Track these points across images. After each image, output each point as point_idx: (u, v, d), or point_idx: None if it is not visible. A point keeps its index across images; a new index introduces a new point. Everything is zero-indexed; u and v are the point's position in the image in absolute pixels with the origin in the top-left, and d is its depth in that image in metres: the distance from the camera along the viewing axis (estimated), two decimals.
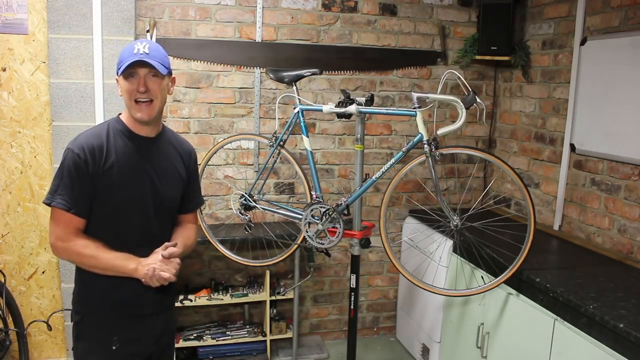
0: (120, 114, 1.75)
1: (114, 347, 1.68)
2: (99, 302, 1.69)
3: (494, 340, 2.48)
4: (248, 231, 2.58)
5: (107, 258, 1.63)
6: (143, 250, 1.70)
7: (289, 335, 3.24)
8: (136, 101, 1.64)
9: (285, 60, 3.15)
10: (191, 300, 3.06)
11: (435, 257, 2.90)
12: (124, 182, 1.65)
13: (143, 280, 1.64)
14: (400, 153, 2.28)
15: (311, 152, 2.43)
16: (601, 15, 2.67)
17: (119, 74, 1.64)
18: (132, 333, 1.72)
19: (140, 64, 1.61)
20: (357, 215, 2.39)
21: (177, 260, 1.71)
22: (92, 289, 1.69)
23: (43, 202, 1.64)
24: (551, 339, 2.10)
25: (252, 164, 3.23)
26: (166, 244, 1.72)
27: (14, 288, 2.95)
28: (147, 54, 1.63)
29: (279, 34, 3.14)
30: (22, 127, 2.84)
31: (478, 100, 2.05)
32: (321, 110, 2.35)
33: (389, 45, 3.32)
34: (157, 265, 1.65)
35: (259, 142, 3.15)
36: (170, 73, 1.72)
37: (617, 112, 2.55)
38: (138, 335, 1.74)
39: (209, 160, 2.73)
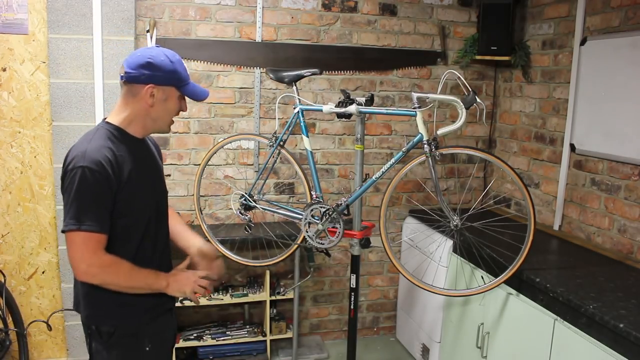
0: (105, 118, 1.66)
1: (147, 348, 1.69)
2: (135, 309, 1.66)
3: (494, 340, 2.48)
4: (248, 231, 2.58)
5: (141, 277, 1.61)
6: (158, 254, 1.73)
7: (289, 335, 3.24)
8: (172, 119, 1.69)
9: (285, 60, 3.15)
10: (191, 300, 3.06)
11: (435, 257, 2.90)
12: (140, 188, 1.63)
13: (180, 297, 1.68)
14: (400, 153, 2.28)
15: (311, 152, 2.43)
16: (601, 15, 2.67)
17: (185, 93, 1.65)
18: (159, 330, 1.75)
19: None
20: (357, 215, 2.39)
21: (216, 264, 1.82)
22: (124, 297, 1.61)
23: (65, 230, 1.51)
24: (551, 339, 2.10)
25: (252, 164, 3.23)
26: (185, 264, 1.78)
27: (14, 288, 2.95)
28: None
29: (279, 34, 3.14)
30: (22, 127, 2.84)
31: (478, 100, 2.05)
32: (321, 110, 2.35)
33: (389, 45, 3.32)
34: (196, 280, 1.70)
35: (259, 142, 3.15)
36: None
37: (617, 112, 2.55)
38: (163, 330, 1.77)
39: (209, 160, 2.72)
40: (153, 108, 1.61)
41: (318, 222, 2.36)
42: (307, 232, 2.40)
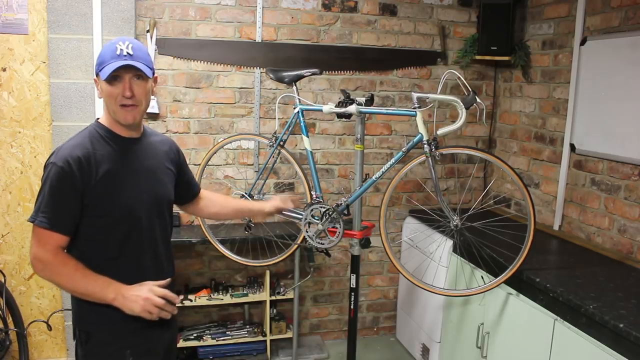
0: (98, 118, 1.65)
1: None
2: (107, 316, 1.56)
3: (494, 340, 2.48)
4: (248, 231, 2.58)
5: (84, 282, 1.51)
6: (147, 255, 1.64)
7: (289, 335, 3.24)
8: (121, 105, 1.54)
9: (285, 60, 3.15)
10: (191, 300, 3.06)
11: (435, 257, 2.90)
12: (119, 188, 1.56)
13: (131, 313, 1.53)
14: (400, 153, 2.28)
15: (311, 152, 2.43)
16: (601, 15, 2.67)
17: (102, 78, 1.52)
18: (144, 345, 1.64)
19: (125, 67, 1.51)
20: (357, 215, 2.39)
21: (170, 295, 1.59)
22: (97, 303, 1.54)
23: (28, 220, 1.53)
24: (551, 339, 2.10)
25: (252, 164, 3.23)
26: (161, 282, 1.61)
27: (14, 288, 2.95)
28: (131, 55, 1.52)
29: (279, 34, 3.14)
30: (22, 127, 2.84)
31: (478, 100, 2.05)
32: (321, 110, 2.35)
33: (389, 45, 3.32)
34: (148, 298, 1.53)
35: (259, 142, 3.15)
36: (153, 73, 1.62)
37: (617, 112, 2.55)
38: (149, 346, 1.66)
39: (209, 160, 2.73)
40: (102, 98, 1.58)
41: (318, 222, 2.36)
42: (307, 232, 2.40)
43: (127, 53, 1.52)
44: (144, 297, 1.52)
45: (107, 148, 1.57)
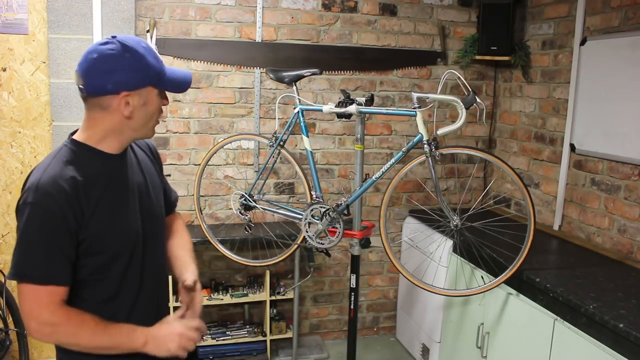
0: (72, 135, 1.35)
1: None
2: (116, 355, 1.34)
3: (494, 340, 2.48)
4: (248, 231, 2.58)
5: (109, 336, 1.29)
6: (150, 282, 1.44)
7: (289, 335, 3.24)
8: (157, 120, 1.38)
9: (285, 60, 3.15)
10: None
11: (435, 257, 2.90)
12: (115, 216, 1.33)
13: (166, 354, 1.35)
14: (400, 153, 2.28)
15: (311, 152, 2.43)
16: (601, 15, 2.67)
17: (171, 89, 1.33)
18: None
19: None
20: (357, 215, 2.39)
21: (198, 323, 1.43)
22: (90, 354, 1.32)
23: (7, 278, 1.26)
24: (551, 339, 2.10)
25: (252, 164, 3.23)
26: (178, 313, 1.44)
27: (14, 288, 2.95)
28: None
29: (279, 34, 3.14)
30: (22, 127, 2.84)
31: (478, 100, 2.05)
32: (321, 110, 2.35)
33: (389, 45, 3.32)
34: (183, 332, 1.37)
35: (259, 142, 3.15)
36: None
37: (617, 112, 2.55)
38: None
39: (209, 160, 2.72)
40: (131, 119, 1.30)
41: (318, 222, 2.36)
42: (307, 232, 2.40)
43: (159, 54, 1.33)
44: (178, 332, 1.37)
45: (93, 172, 1.30)
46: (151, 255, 1.45)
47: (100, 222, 1.29)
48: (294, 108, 2.45)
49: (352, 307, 2.46)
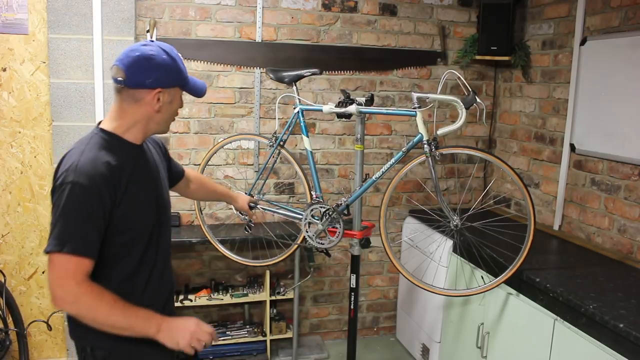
0: (99, 125, 1.51)
1: None
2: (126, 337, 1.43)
3: (494, 340, 2.48)
4: (248, 231, 2.58)
5: (125, 317, 1.38)
6: (160, 264, 1.58)
7: (289, 335, 3.25)
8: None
9: (285, 60, 3.15)
10: (191, 300, 3.06)
11: (435, 257, 2.90)
12: (140, 199, 1.49)
13: (174, 346, 1.44)
14: (400, 153, 2.28)
15: (311, 152, 2.43)
16: (601, 15, 2.67)
17: (194, 93, 1.56)
18: (161, 357, 1.55)
19: None
20: (357, 215, 2.39)
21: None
22: None
23: (47, 251, 1.37)
24: (551, 339, 2.10)
25: (252, 164, 3.23)
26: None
27: (14, 288, 2.95)
28: None
29: (279, 34, 3.14)
30: (22, 127, 2.84)
31: (478, 100, 2.05)
32: (321, 110, 2.35)
33: (389, 45, 3.32)
34: (196, 331, 1.45)
35: (259, 142, 3.15)
36: None
37: (617, 112, 2.55)
38: (166, 358, 1.57)
39: (209, 160, 2.72)
40: (159, 113, 1.49)
41: (318, 222, 2.36)
42: (307, 232, 2.40)
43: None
44: (191, 330, 1.45)
45: (120, 158, 1.45)
46: (163, 238, 1.60)
47: (128, 204, 1.44)
48: (294, 108, 2.45)
49: (352, 307, 2.46)
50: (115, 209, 1.40)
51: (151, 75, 1.43)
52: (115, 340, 1.42)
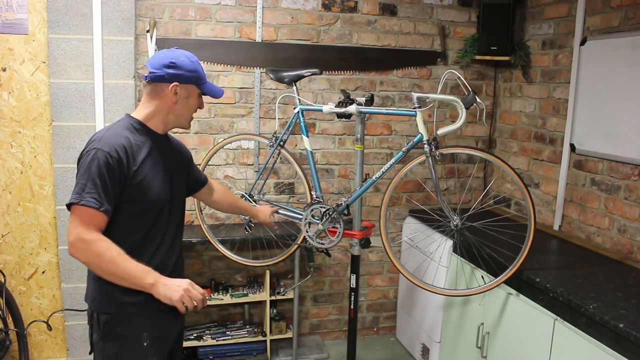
0: (129, 114, 1.74)
1: (145, 344, 1.68)
2: (131, 298, 1.63)
3: (494, 340, 2.48)
4: (248, 231, 2.58)
5: (126, 266, 1.56)
6: (163, 248, 1.74)
7: (289, 335, 3.25)
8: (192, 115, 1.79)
9: (285, 60, 3.15)
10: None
11: (435, 257, 2.90)
12: (152, 177, 1.68)
13: (167, 301, 1.59)
14: (400, 153, 2.28)
15: (311, 152, 2.43)
16: (601, 15, 2.67)
17: (207, 92, 1.76)
18: (159, 329, 1.72)
19: None
20: (357, 215, 2.39)
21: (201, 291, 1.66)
22: (117, 287, 1.61)
23: (69, 203, 1.55)
24: (551, 339, 2.10)
25: (252, 164, 3.23)
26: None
27: (14, 288, 2.95)
28: None
29: (279, 34, 3.14)
30: (22, 127, 2.84)
31: (478, 100, 2.05)
32: (321, 110, 2.36)
33: (389, 45, 3.32)
34: (189, 290, 1.60)
35: (259, 142, 3.15)
36: None
37: (617, 112, 2.55)
38: (164, 331, 1.75)
39: (209, 160, 2.73)
40: (176, 105, 1.71)
41: (318, 222, 2.36)
42: (307, 232, 2.40)
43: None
44: (185, 287, 1.59)
45: (142, 139, 1.69)
46: (172, 221, 1.77)
47: (142, 176, 1.64)
48: (294, 108, 2.45)
49: (352, 307, 2.46)
50: (129, 177, 1.61)
51: (170, 71, 1.67)
52: (116, 307, 1.64)
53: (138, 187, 1.63)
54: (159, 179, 1.71)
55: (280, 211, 2.55)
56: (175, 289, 1.58)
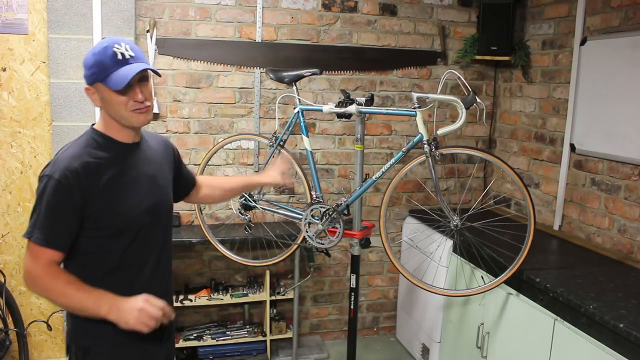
0: (93, 125, 1.56)
1: None
2: (104, 331, 1.48)
3: (494, 340, 2.48)
4: (248, 231, 2.58)
5: (76, 297, 1.42)
6: (148, 264, 1.58)
7: (289, 335, 3.24)
8: (134, 110, 1.47)
9: (285, 60, 3.15)
10: (191, 300, 3.06)
11: (435, 257, 2.90)
12: (121, 198, 1.49)
13: (126, 327, 1.43)
14: (400, 153, 2.28)
15: (311, 152, 2.43)
16: (601, 15, 2.67)
17: (113, 87, 1.42)
18: (144, 356, 1.60)
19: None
20: (357, 215, 2.39)
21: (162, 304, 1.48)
22: (94, 319, 1.45)
23: (23, 236, 1.46)
24: (551, 339, 2.10)
25: (252, 164, 3.23)
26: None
27: (14, 288, 2.95)
28: (134, 57, 1.45)
29: (279, 34, 3.14)
30: (22, 127, 2.84)
31: (478, 100, 2.05)
32: (321, 110, 2.35)
33: (389, 45, 3.32)
34: (143, 308, 1.42)
35: (259, 142, 3.15)
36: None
37: (617, 112, 2.55)
38: (149, 357, 1.62)
39: (209, 160, 2.72)
40: (103, 108, 1.49)
41: (318, 222, 2.36)
42: (307, 232, 2.40)
43: (130, 55, 1.44)
44: (138, 307, 1.42)
45: (106, 156, 1.48)
46: (155, 238, 1.60)
47: (105, 201, 1.46)
48: (294, 108, 2.45)
49: (352, 307, 2.46)
50: (88, 205, 1.43)
51: (84, 73, 1.48)
52: (93, 339, 1.51)
53: (102, 213, 1.46)
54: (133, 198, 1.52)
55: (279, 211, 2.55)
56: (129, 312, 1.41)
